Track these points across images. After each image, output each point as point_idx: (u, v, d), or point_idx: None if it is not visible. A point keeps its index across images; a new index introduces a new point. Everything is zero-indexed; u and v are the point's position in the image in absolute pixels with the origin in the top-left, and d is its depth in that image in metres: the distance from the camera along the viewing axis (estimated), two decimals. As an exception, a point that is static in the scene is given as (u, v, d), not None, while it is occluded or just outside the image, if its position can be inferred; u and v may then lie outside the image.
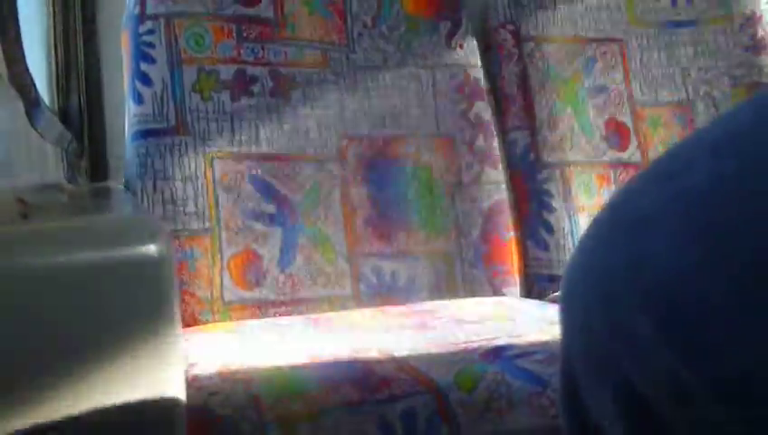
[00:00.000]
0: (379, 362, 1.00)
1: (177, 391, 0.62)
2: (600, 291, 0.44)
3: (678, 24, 1.66)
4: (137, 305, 0.60)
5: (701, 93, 1.64)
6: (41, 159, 1.14)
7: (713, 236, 0.39)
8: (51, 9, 1.54)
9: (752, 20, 1.69)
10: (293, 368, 1.00)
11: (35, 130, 1.05)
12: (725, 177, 0.39)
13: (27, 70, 1.03)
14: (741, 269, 0.37)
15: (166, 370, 0.61)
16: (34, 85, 1.07)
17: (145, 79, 1.40)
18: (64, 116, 1.53)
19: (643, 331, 0.41)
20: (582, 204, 1.53)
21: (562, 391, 0.48)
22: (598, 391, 0.45)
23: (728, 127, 0.42)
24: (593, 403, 0.45)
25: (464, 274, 1.44)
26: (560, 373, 0.48)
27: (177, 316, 0.62)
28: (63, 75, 1.55)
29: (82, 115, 1.57)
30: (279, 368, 1.00)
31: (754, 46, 1.68)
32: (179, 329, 0.63)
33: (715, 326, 0.38)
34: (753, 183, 0.38)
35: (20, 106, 0.99)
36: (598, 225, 0.46)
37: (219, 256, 1.34)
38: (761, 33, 1.69)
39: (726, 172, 0.39)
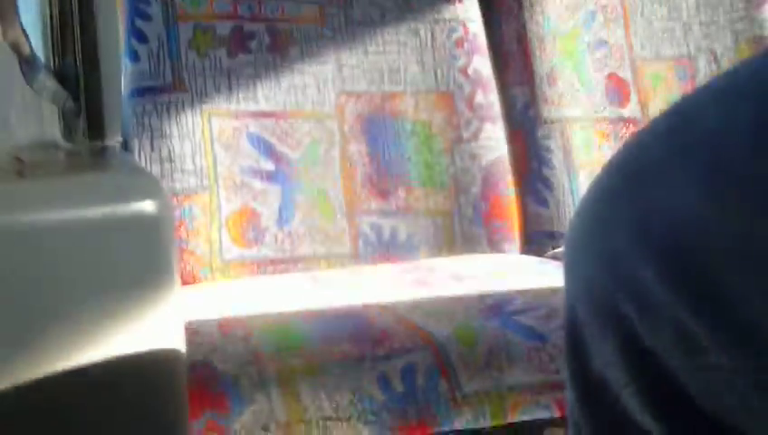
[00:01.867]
0: (378, 317, 1.00)
1: (178, 348, 0.62)
2: (606, 243, 0.43)
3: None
4: (135, 263, 0.60)
5: (702, 48, 1.62)
6: (37, 117, 1.13)
7: (724, 184, 0.38)
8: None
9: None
10: (293, 324, 1.00)
11: (31, 88, 1.05)
12: (733, 124, 0.39)
13: (22, 27, 1.02)
14: (751, 218, 0.37)
15: (166, 327, 0.61)
16: (29, 43, 1.06)
17: (141, 36, 1.39)
18: (60, 74, 1.52)
19: (650, 282, 0.40)
20: (582, 160, 1.52)
21: (567, 345, 0.48)
22: (603, 343, 0.44)
23: (734, 79, 0.42)
24: (598, 356, 0.45)
25: (463, 231, 1.43)
26: (564, 326, 0.48)
27: (176, 274, 0.62)
28: (58, 33, 1.54)
29: (78, 73, 1.55)
30: (278, 324, 1.00)
31: (756, 0, 1.67)
32: (178, 286, 0.63)
33: (725, 275, 0.38)
34: (762, 129, 0.37)
35: (15, 64, 0.98)
36: (603, 178, 0.46)
37: (218, 214, 1.34)
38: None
39: (739, 117, 0.39)
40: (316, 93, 1.43)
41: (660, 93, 1.59)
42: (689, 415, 0.42)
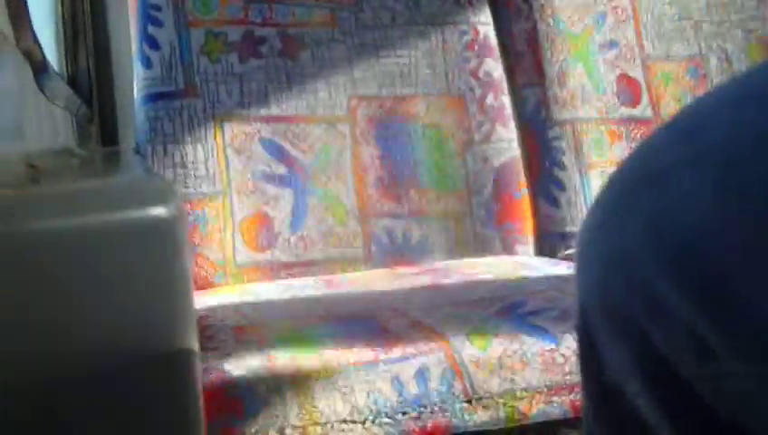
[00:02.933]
0: (392, 320, 1.01)
1: (192, 353, 0.62)
2: (618, 247, 0.43)
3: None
4: (149, 268, 0.60)
5: (713, 47, 1.62)
6: (50, 124, 1.14)
7: (734, 191, 0.38)
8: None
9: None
10: (307, 327, 1.00)
11: (44, 94, 1.05)
12: (746, 129, 0.39)
13: (34, 34, 1.03)
14: (764, 224, 0.37)
15: (180, 332, 0.61)
16: (42, 50, 1.07)
17: (153, 42, 1.39)
18: (73, 81, 1.53)
19: (662, 287, 0.40)
20: (594, 161, 1.52)
21: (579, 349, 0.48)
22: (615, 348, 0.44)
23: (751, 80, 0.41)
24: (610, 360, 0.45)
25: (476, 233, 1.43)
26: (576, 330, 0.48)
27: (190, 279, 0.63)
28: (71, 39, 1.54)
29: (91, 79, 1.56)
30: (293, 328, 1.01)
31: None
32: (192, 291, 0.63)
33: (737, 281, 0.38)
34: None
35: (28, 71, 0.98)
36: (615, 181, 0.45)
37: (231, 219, 1.34)
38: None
39: (749, 124, 0.39)
40: (328, 97, 1.43)
41: (671, 93, 1.59)
42: (705, 423, 0.41)
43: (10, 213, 0.57)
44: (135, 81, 1.41)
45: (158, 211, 0.59)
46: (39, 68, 1.02)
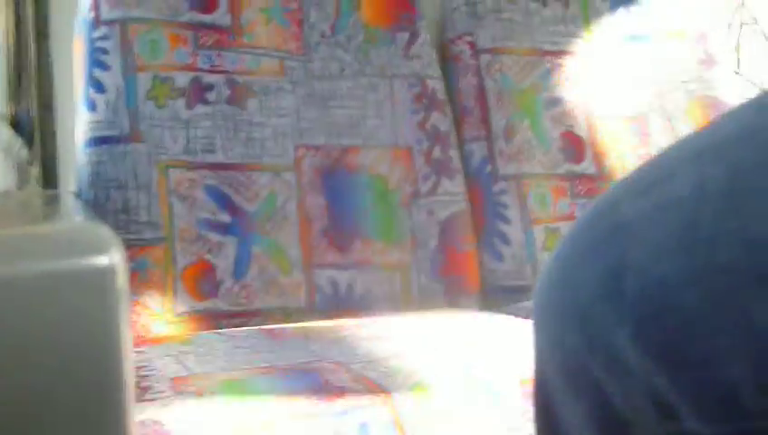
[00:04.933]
0: (334, 373, 0.99)
1: (128, 406, 0.60)
2: (577, 303, 0.43)
3: (635, 38, 1.68)
4: (87, 317, 0.58)
5: (656, 107, 1.65)
6: (-11, 165, 1.11)
7: (697, 246, 0.38)
8: (3, 13, 1.51)
9: (704, 35, 1.71)
10: (248, 379, 0.98)
11: (-16, 136, 1.03)
12: (709, 185, 0.39)
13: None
14: (726, 279, 0.37)
15: (116, 384, 0.59)
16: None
17: (98, 85, 1.38)
18: (15, 122, 1.50)
19: (622, 343, 0.40)
20: (538, 216, 1.53)
21: (535, 406, 0.47)
22: (573, 407, 0.43)
23: (712, 136, 0.41)
24: (569, 420, 0.44)
25: (420, 285, 1.43)
26: (533, 387, 0.47)
27: (129, 329, 0.61)
28: (14, 80, 1.52)
29: (33, 122, 1.54)
30: (233, 379, 0.99)
31: (707, 60, 1.70)
32: (131, 342, 0.61)
33: (699, 339, 0.37)
34: (738, 192, 0.37)
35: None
36: (573, 236, 0.45)
37: (173, 267, 1.32)
38: (712, 48, 1.71)
39: (710, 180, 0.39)
40: (274, 146, 1.42)
41: (615, 150, 1.61)
42: None
43: (-58, 259, 0.56)
44: (78, 124, 1.39)
45: (99, 260, 0.57)
46: (-21, 109, 1.00)
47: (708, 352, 0.37)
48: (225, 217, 1.36)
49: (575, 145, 1.60)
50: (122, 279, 0.60)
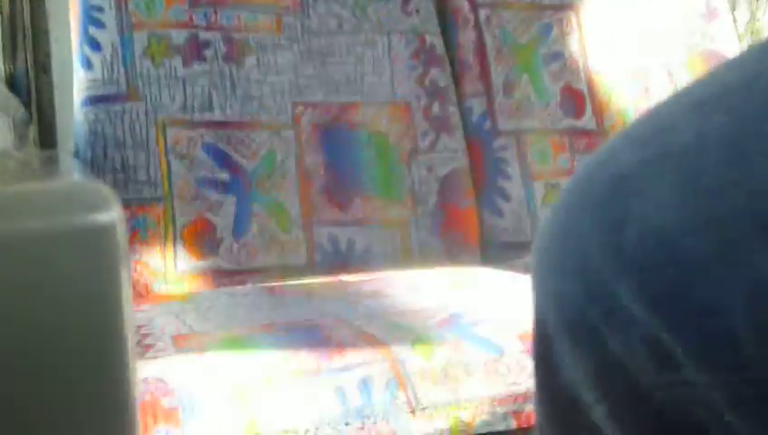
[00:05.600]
0: (335, 330, 1.00)
1: (130, 363, 0.60)
2: (577, 254, 0.42)
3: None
4: (86, 276, 0.58)
5: (656, 61, 1.64)
6: (-14, 125, 1.11)
7: (700, 196, 0.38)
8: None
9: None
10: (248, 337, 0.99)
11: (-20, 95, 1.02)
12: (713, 134, 0.38)
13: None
14: (729, 229, 0.36)
15: (117, 340, 0.59)
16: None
17: (94, 44, 1.36)
18: (11, 82, 1.49)
19: (623, 294, 0.40)
20: (538, 171, 1.53)
21: (535, 359, 0.47)
22: (573, 359, 0.43)
23: (713, 85, 0.41)
24: (568, 371, 0.44)
25: (420, 241, 1.43)
26: (532, 340, 0.47)
27: (129, 286, 0.61)
28: (9, 40, 1.51)
29: (30, 81, 1.53)
30: (234, 337, 0.99)
31: (708, 14, 1.69)
32: (131, 299, 0.61)
33: (700, 289, 0.37)
34: (741, 140, 0.37)
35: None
36: (572, 187, 0.44)
37: (172, 225, 1.32)
38: (714, 1, 1.70)
39: (714, 129, 0.38)
40: (272, 103, 1.41)
41: (615, 105, 1.61)
42: (662, 433, 0.41)
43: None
44: (75, 83, 1.38)
45: (98, 217, 0.57)
46: (-25, 68, 0.99)
47: (709, 302, 0.37)
48: (224, 176, 1.36)
49: (575, 100, 1.59)
50: (121, 236, 0.60)
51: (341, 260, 1.38)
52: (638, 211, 0.40)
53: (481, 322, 1.01)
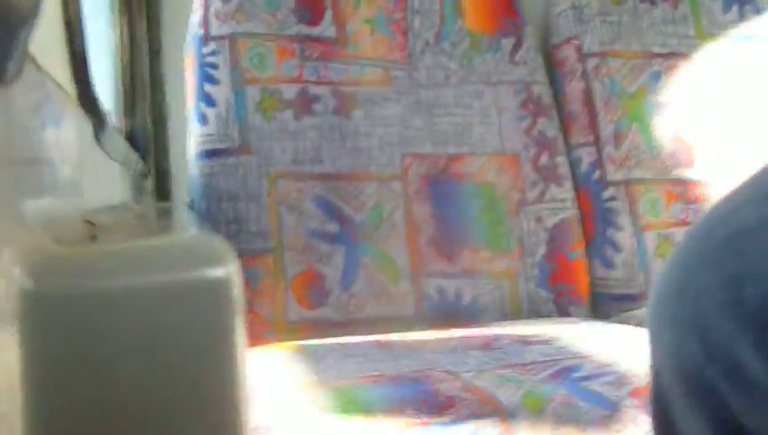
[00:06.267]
0: (444, 383, 0.99)
1: (243, 413, 0.61)
2: (695, 312, 0.41)
3: (747, 38, 1.62)
4: (204, 328, 0.59)
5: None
6: (108, 179, 1.15)
7: None
8: (117, 31, 1.56)
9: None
10: (359, 388, 0.99)
11: (102, 150, 1.07)
12: None
13: (94, 90, 1.04)
14: None
15: (232, 392, 0.60)
16: (101, 106, 1.09)
17: (209, 100, 1.41)
18: (130, 136, 1.55)
19: (744, 352, 0.39)
20: (649, 222, 1.50)
21: (653, 416, 0.46)
22: (691, 415, 0.42)
23: None
24: (686, 428, 0.43)
25: (529, 293, 1.42)
26: (649, 397, 0.46)
27: (244, 338, 0.62)
28: (129, 95, 1.57)
29: (148, 135, 1.58)
30: (343, 389, 0.99)
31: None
32: (246, 352, 0.62)
33: None
34: None
35: (87, 126, 1.00)
36: (690, 242, 0.44)
37: (283, 276, 1.34)
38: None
39: None
40: (380, 155, 1.43)
41: (726, 155, 1.57)
42: None
43: (67, 271, 0.57)
44: (190, 137, 1.42)
45: (216, 272, 0.58)
46: (98, 124, 1.03)
47: None
48: (333, 227, 1.38)
49: (685, 150, 1.56)
50: (237, 290, 0.61)
51: (449, 311, 1.38)
52: (758, 268, 0.39)
53: (593, 376, 0.99)
